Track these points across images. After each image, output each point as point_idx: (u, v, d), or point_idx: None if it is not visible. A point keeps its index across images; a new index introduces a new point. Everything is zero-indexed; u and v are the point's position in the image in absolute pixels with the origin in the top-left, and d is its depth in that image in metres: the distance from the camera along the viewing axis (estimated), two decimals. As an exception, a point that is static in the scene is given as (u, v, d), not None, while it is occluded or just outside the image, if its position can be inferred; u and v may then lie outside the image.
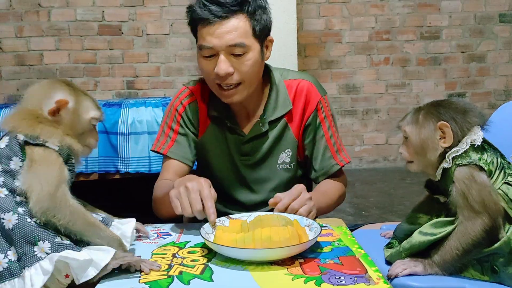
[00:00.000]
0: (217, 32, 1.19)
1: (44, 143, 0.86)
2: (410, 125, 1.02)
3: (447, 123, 0.97)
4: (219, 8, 1.18)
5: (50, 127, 0.88)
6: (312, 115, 1.35)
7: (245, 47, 1.20)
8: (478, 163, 0.95)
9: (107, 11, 3.66)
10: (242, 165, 1.36)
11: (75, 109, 0.92)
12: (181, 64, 3.76)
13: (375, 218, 2.88)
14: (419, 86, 4.01)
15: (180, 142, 1.35)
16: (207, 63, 1.23)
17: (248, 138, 1.34)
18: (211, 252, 0.97)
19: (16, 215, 0.83)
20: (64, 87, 0.93)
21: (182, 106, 1.36)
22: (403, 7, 3.93)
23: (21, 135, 0.87)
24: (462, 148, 0.96)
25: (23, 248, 0.81)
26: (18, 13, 3.59)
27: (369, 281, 0.83)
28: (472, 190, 0.93)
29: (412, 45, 3.96)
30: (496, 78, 4.06)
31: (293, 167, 1.38)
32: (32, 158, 0.85)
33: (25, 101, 0.92)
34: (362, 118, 4.01)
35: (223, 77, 1.21)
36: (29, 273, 0.80)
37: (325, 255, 0.96)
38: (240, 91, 1.25)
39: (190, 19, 1.26)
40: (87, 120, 0.95)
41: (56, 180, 0.85)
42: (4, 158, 0.87)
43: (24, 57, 3.63)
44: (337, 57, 3.93)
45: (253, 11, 1.21)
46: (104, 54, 3.70)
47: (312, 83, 1.37)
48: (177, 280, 0.86)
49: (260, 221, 1.01)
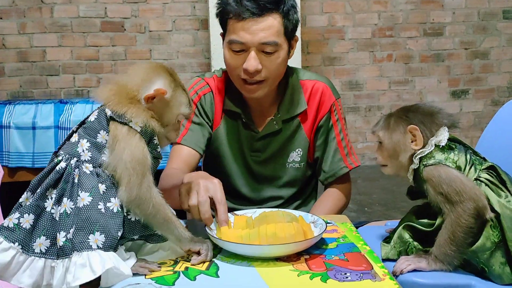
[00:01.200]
0: (251, 28, 1.19)
1: (128, 123, 0.85)
2: (383, 130, 1.06)
3: (416, 126, 1.01)
4: (255, 5, 1.18)
5: (138, 108, 0.87)
6: (325, 117, 1.36)
7: (276, 45, 1.21)
8: (443, 163, 0.98)
9: (110, 7, 3.66)
10: (252, 161, 1.36)
11: (169, 101, 0.91)
12: (183, 61, 3.76)
13: (378, 214, 2.88)
14: (422, 83, 4.00)
15: (194, 130, 1.33)
16: (235, 57, 1.23)
17: (261, 136, 1.34)
18: (216, 248, 0.97)
19: (90, 198, 0.83)
20: (166, 76, 0.91)
21: (198, 96, 1.35)
22: (406, 4, 3.91)
23: (108, 110, 0.86)
24: (428, 149, 1.00)
25: (80, 232, 0.81)
26: (21, 10, 3.59)
27: (375, 278, 0.83)
28: (443, 185, 0.96)
29: (415, 41, 3.95)
30: (500, 74, 4.05)
31: (302, 167, 1.38)
32: (115, 135, 0.85)
33: (125, 77, 0.91)
34: (365, 115, 4.00)
35: (251, 73, 1.22)
36: (75, 260, 0.79)
37: (330, 252, 0.96)
38: (263, 87, 1.26)
39: (221, 11, 1.25)
40: (175, 114, 0.93)
41: (142, 168, 0.84)
42: (92, 131, 0.87)
43: (27, 54, 3.63)
44: (340, 53, 3.92)
45: (287, 10, 1.22)
46: (107, 50, 3.69)
47: (327, 85, 1.38)
48: (183, 276, 0.86)
49: (265, 218, 1.01)
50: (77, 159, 0.85)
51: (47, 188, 0.85)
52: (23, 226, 0.83)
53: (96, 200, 0.83)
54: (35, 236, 0.83)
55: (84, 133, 0.87)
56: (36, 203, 0.84)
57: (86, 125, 0.88)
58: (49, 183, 0.85)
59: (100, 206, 0.83)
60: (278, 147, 1.35)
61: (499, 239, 0.94)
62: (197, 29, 3.73)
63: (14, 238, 0.82)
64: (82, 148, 0.86)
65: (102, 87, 0.89)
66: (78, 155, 0.86)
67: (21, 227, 0.83)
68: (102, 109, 0.88)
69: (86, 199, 0.83)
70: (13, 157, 2.60)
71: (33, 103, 2.71)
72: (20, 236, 0.83)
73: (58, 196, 0.84)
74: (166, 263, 0.91)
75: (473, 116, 4.04)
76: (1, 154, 2.61)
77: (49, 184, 0.85)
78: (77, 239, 0.80)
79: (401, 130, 1.03)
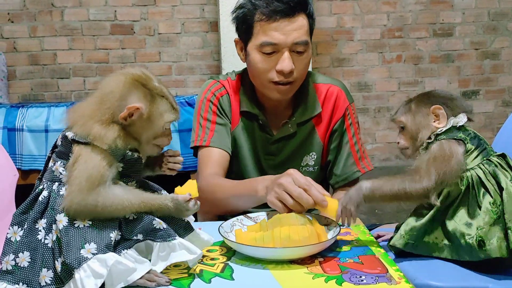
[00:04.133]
0: (285, 29, 1.20)
1: (92, 142, 0.83)
2: (405, 114, 1.11)
3: (440, 106, 1.06)
4: (287, 6, 1.20)
5: (104, 127, 0.84)
6: (339, 121, 1.36)
7: (307, 45, 1.24)
8: (457, 137, 1.02)
9: (119, 10, 3.68)
10: (266, 164, 1.37)
11: (149, 114, 0.87)
12: (192, 63, 3.77)
13: (389, 216, 2.87)
14: (432, 84, 3.97)
15: (219, 131, 1.33)
16: (267, 60, 1.23)
17: (276, 139, 1.35)
18: (230, 250, 0.98)
19: (66, 217, 0.82)
20: (139, 89, 0.86)
21: (216, 98, 1.36)
22: (415, 4, 3.89)
23: (70, 133, 0.85)
24: (446, 127, 1.05)
25: (70, 252, 0.79)
26: (31, 13, 3.62)
27: (390, 281, 0.83)
28: (437, 151, 1.00)
29: (424, 42, 3.93)
30: (510, 75, 4.01)
31: (316, 170, 1.39)
32: (78, 155, 0.83)
33: (95, 96, 0.88)
34: (374, 116, 3.98)
35: (287, 74, 1.22)
36: (79, 275, 0.78)
37: (344, 254, 0.95)
38: (293, 88, 1.28)
39: (246, 15, 1.25)
40: (160, 124, 0.89)
41: (90, 185, 0.82)
42: (63, 154, 0.86)
43: (38, 57, 3.66)
44: (349, 54, 3.90)
45: (312, 11, 1.26)
46: (117, 53, 3.71)
47: (341, 89, 1.39)
48: (198, 279, 0.86)
49: (279, 220, 1.01)
50: (59, 182, 0.85)
51: (35, 221, 0.83)
52: (21, 265, 0.81)
53: (72, 219, 0.82)
54: (36, 270, 0.82)
55: (57, 157, 0.87)
56: (28, 239, 0.82)
57: (57, 150, 0.88)
58: (36, 216, 0.84)
59: (76, 223, 0.81)
60: (292, 151, 1.36)
61: (497, 215, 0.96)
62: (206, 31, 3.73)
63: (17, 279, 0.81)
64: (58, 171, 0.85)
65: (69, 112, 0.88)
66: (58, 179, 0.85)
67: (20, 267, 0.81)
68: (64, 133, 0.87)
69: (63, 220, 0.81)
70: (26, 160, 2.63)
71: (46, 106, 2.73)
72: (22, 276, 0.81)
73: (48, 225, 0.83)
74: (181, 265, 0.91)
75: (483, 117, 4.01)
76: (15, 157, 2.63)
77: (36, 216, 0.84)
78: (70, 259, 0.79)
79: (423, 111, 1.08)
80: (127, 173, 0.88)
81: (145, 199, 0.86)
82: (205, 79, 3.83)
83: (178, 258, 0.85)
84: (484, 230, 0.95)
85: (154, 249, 0.85)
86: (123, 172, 0.87)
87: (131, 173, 0.89)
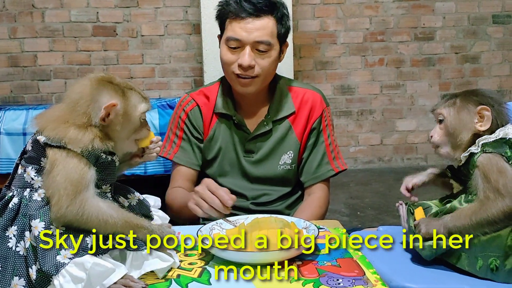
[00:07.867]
0: (247, 27, 1.31)
1: (66, 145, 0.82)
2: (447, 108, 1.05)
3: (488, 107, 1.00)
4: (253, 7, 1.31)
5: (78, 129, 0.83)
6: (317, 121, 1.44)
7: (269, 45, 1.33)
8: (503, 154, 0.97)
9: (102, 12, 3.64)
10: (245, 162, 1.43)
11: (125, 108, 0.87)
12: (176, 65, 3.75)
13: (370, 218, 2.89)
14: (414, 87, 4.02)
15: (185, 148, 1.45)
16: (231, 54, 1.34)
17: (253, 136, 1.42)
18: (208, 255, 0.97)
19: (42, 223, 0.80)
20: (108, 87, 0.87)
21: (185, 113, 1.45)
22: (397, 8, 3.94)
23: (42, 137, 0.84)
24: (494, 137, 0.99)
25: (46, 259, 0.78)
26: (11, 14, 3.57)
27: (367, 283, 0.84)
28: (493, 173, 0.96)
29: (406, 46, 3.97)
30: (490, 78, 4.08)
31: (293, 168, 1.46)
32: (54, 159, 0.82)
33: (64, 102, 0.87)
34: (357, 119, 4.01)
35: (245, 68, 1.31)
36: (58, 281, 0.77)
37: (322, 258, 0.96)
38: (255, 84, 1.35)
39: (221, 12, 1.37)
40: (137, 116, 0.90)
41: (74, 189, 0.81)
42: (34, 159, 0.85)
43: (18, 59, 3.61)
44: (332, 58, 3.93)
45: (280, 16, 1.35)
46: (99, 55, 3.68)
47: (319, 94, 1.47)
48: (175, 284, 0.86)
49: (257, 224, 1.01)
50: (30, 188, 0.84)
51: (5, 228, 0.82)
52: None
53: (48, 224, 0.81)
54: (7, 279, 0.80)
55: (27, 162, 0.85)
56: None
57: (26, 155, 0.86)
58: (6, 223, 0.82)
59: (52, 229, 0.80)
60: (270, 149, 1.43)
61: None
62: (189, 33, 3.72)
63: None
64: (29, 177, 0.84)
65: (37, 116, 0.87)
66: (30, 185, 0.84)
67: None
68: (34, 137, 0.85)
69: (38, 226, 0.80)
70: (4, 164, 2.58)
71: (24, 109, 2.68)
72: None
73: (19, 232, 0.81)
74: (158, 271, 0.90)
75: (464, 120, 4.07)
76: (-9, 161, 2.59)
77: (6, 224, 0.82)
78: (47, 266, 0.78)
79: (469, 109, 1.02)
80: (101, 177, 0.87)
81: (127, 221, 0.86)
82: (188, 82, 3.87)
83: (151, 267, 0.85)
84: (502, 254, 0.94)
85: (128, 258, 0.85)
86: (97, 176, 0.86)
87: (106, 176, 0.89)
